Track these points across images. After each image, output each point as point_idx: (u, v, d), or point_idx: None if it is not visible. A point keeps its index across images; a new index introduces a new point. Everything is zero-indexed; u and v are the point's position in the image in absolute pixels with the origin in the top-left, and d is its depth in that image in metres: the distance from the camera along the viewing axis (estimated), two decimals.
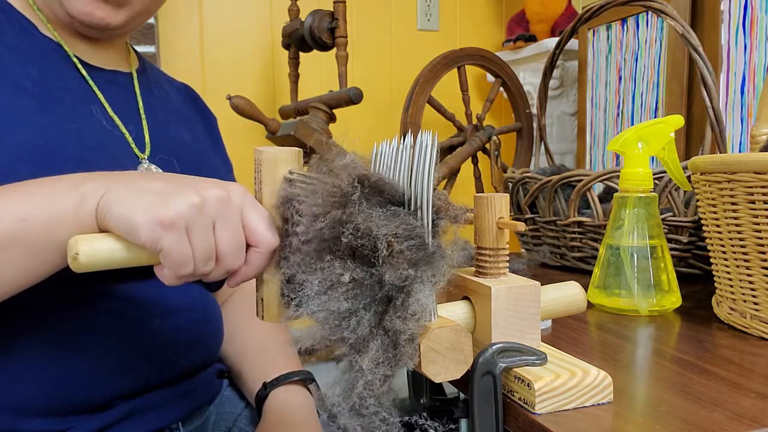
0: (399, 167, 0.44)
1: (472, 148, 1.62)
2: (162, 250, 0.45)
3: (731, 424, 0.41)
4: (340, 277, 0.40)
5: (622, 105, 1.51)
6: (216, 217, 0.47)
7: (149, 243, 0.45)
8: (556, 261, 0.97)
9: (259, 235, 0.48)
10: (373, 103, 1.88)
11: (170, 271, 0.46)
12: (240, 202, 0.48)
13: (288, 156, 0.51)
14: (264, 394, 0.74)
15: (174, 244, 0.45)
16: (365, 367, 0.39)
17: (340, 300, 0.40)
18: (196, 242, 0.46)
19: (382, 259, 0.39)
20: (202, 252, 0.46)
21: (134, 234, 0.45)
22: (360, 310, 0.40)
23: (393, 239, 0.39)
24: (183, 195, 0.46)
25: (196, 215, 0.46)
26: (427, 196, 0.41)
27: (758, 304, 0.59)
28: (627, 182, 0.69)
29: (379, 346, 0.40)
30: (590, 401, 0.44)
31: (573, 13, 1.72)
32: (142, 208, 0.45)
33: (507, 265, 0.48)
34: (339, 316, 0.40)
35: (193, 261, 0.46)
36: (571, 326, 0.65)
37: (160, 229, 0.44)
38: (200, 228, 0.46)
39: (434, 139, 0.41)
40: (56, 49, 0.69)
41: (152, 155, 0.72)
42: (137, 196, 0.46)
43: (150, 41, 1.54)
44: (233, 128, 1.71)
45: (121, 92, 0.73)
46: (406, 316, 0.39)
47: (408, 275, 0.39)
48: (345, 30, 1.47)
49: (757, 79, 1.17)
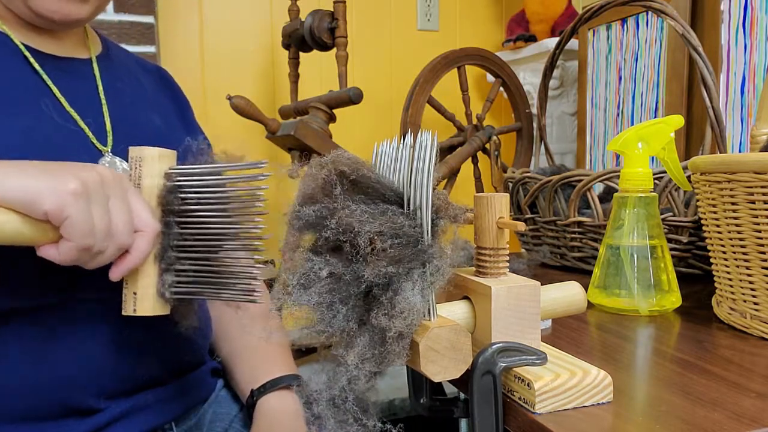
0: (399, 167, 0.44)
1: (472, 148, 1.62)
2: (68, 217, 0.45)
3: (731, 424, 0.41)
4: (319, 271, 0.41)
5: (622, 105, 1.51)
6: (111, 194, 0.49)
7: (54, 210, 0.45)
8: (556, 261, 0.97)
9: (144, 219, 0.51)
10: (373, 103, 1.88)
11: (73, 241, 0.47)
12: (126, 186, 0.51)
13: (168, 154, 0.57)
14: (252, 402, 0.73)
15: (78, 211, 0.46)
16: (350, 362, 0.40)
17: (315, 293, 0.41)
18: (97, 214, 0.47)
19: (362, 256, 0.40)
20: (102, 224, 0.48)
21: (37, 202, 0.45)
22: (336, 304, 0.40)
23: (376, 237, 0.39)
24: (83, 170, 0.48)
25: (98, 188, 0.48)
26: (427, 196, 0.41)
27: (758, 304, 0.59)
28: (627, 182, 0.69)
29: (366, 342, 0.40)
30: (590, 401, 0.44)
31: (573, 13, 1.72)
32: (44, 179, 0.46)
33: (507, 265, 0.48)
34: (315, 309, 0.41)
35: (95, 233, 0.47)
36: (571, 326, 0.65)
37: (68, 197, 0.45)
38: (101, 200, 0.48)
39: (434, 139, 0.41)
40: (0, 41, 0.64)
41: (115, 146, 0.68)
42: (34, 171, 0.47)
43: (150, 41, 1.54)
44: (233, 128, 1.71)
45: (78, 81, 0.69)
46: (392, 314, 0.39)
47: (388, 273, 0.39)
48: (345, 30, 1.47)
49: (757, 79, 1.17)
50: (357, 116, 1.86)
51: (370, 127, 1.91)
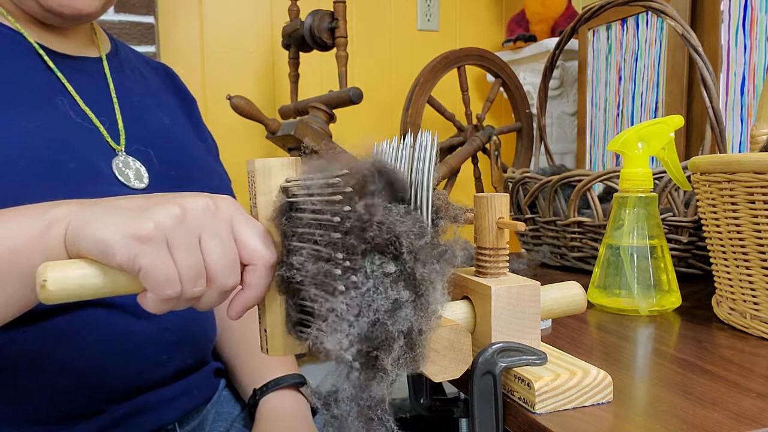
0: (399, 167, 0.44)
1: (472, 148, 1.62)
2: (141, 269, 0.39)
3: (731, 424, 0.41)
4: (386, 267, 0.38)
5: (622, 105, 1.51)
6: (202, 229, 0.41)
7: (126, 262, 0.39)
8: (556, 261, 0.97)
9: (252, 250, 0.42)
10: (373, 103, 1.88)
11: (153, 293, 0.41)
12: (229, 214, 0.43)
13: (283, 164, 0.46)
14: (254, 401, 0.73)
15: (153, 260, 0.39)
16: (389, 368, 0.38)
17: (385, 293, 0.38)
18: (180, 258, 0.40)
19: (409, 255, 0.38)
20: (188, 269, 0.41)
21: (109, 254, 0.39)
22: (406, 303, 0.38)
23: (413, 237, 0.39)
24: (162, 207, 0.41)
25: (177, 227, 0.40)
26: (427, 196, 0.41)
27: (758, 304, 0.59)
28: (627, 182, 0.69)
29: (401, 346, 0.39)
30: (590, 401, 0.44)
31: (573, 13, 1.72)
32: (115, 224, 0.40)
33: (507, 265, 0.48)
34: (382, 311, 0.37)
35: (179, 280, 0.40)
36: (571, 326, 0.65)
37: (137, 244, 0.39)
38: (184, 241, 0.40)
39: (434, 138, 0.41)
40: (15, 40, 0.65)
41: (127, 146, 0.68)
42: (110, 214, 0.41)
43: (150, 41, 1.54)
44: (233, 128, 1.71)
45: (91, 80, 0.69)
46: (427, 314, 0.39)
47: (434, 269, 0.39)
48: (345, 30, 1.47)
49: (757, 79, 1.17)
50: (357, 116, 1.86)
51: (370, 127, 1.91)
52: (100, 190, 0.62)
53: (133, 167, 0.66)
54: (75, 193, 0.58)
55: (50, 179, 0.58)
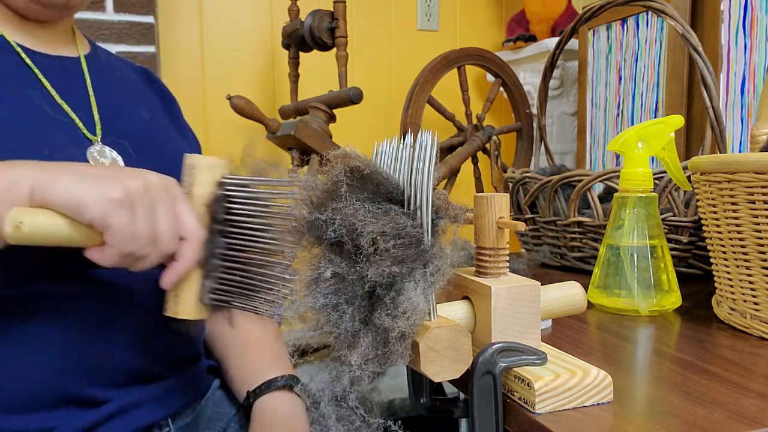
0: (399, 167, 0.44)
1: (472, 148, 1.62)
2: (111, 226, 0.47)
3: (731, 424, 0.41)
4: (324, 272, 0.41)
5: (622, 105, 1.51)
6: (156, 201, 0.50)
7: (98, 219, 0.47)
8: (556, 261, 0.97)
9: (190, 227, 0.52)
10: (373, 103, 1.88)
11: (115, 248, 0.48)
12: (175, 193, 0.52)
13: (222, 163, 0.57)
14: (248, 403, 0.72)
15: (123, 220, 0.47)
16: (353, 362, 0.40)
17: (321, 295, 0.41)
18: (140, 221, 0.48)
19: (365, 256, 0.40)
20: (145, 231, 0.49)
21: (81, 210, 0.46)
22: (342, 305, 0.40)
23: (379, 237, 0.39)
24: (129, 177, 0.49)
25: (142, 196, 0.49)
26: (427, 196, 0.41)
27: (758, 304, 0.59)
28: (627, 182, 0.69)
29: (369, 342, 0.40)
30: (590, 401, 0.44)
31: (573, 13, 1.72)
32: (90, 186, 0.47)
33: (507, 265, 0.48)
34: (321, 311, 0.40)
35: (137, 240, 0.48)
36: (571, 326, 0.65)
37: (111, 205, 0.47)
38: (145, 208, 0.49)
39: (434, 138, 0.41)
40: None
41: (104, 137, 0.69)
42: (81, 177, 0.48)
43: (150, 41, 1.54)
44: (233, 128, 1.71)
45: (68, 77, 0.71)
46: (396, 314, 0.39)
47: (392, 272, 0.39)
48: (345, 30, 1.47)
49: (757, 79, 1.17)
50: (357, 116, 1.86)
51: (370, 127, 1.91)
52: None
53: (109, 156, 0.67)
54: None
55: None
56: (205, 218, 0.55)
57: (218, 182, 0.56)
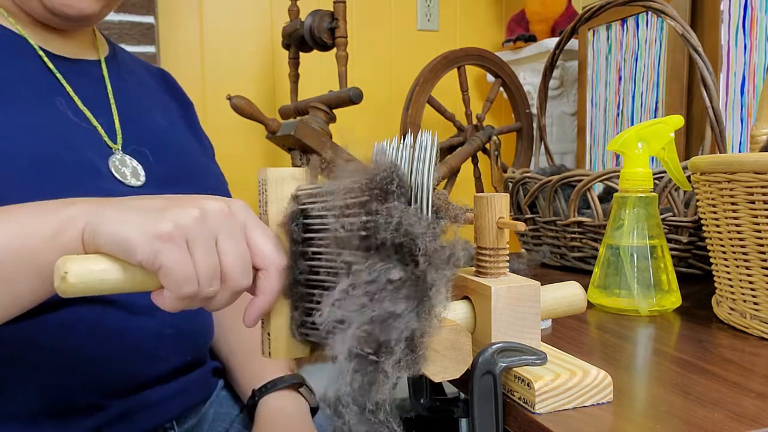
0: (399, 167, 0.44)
1: (472, 148, 1.62)
2: (161, 266, 0.41)
3: (731, 424, 0.41)
4: (390, 273, 0.38)
5: (622, 105, 1.51)
6: (219, 231, 0.43)
7: (147, 259, 0.41)
8: (556, 261, 0.97)
9: (267, 255, 0.44)
10: (373, 103, 1.88)
11: (171, 291, 0.42)
12: (243, 217, 0.44)
13: (296, 174, 0.48)
14: (253, 402, 0.73)
15: (174, 259, 0.41)
16: (389, 371, 0.38)
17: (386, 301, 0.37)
18: (198, 257, 0.42)
19: (424, 258, 0.38)
20: (205, 268, 0.42)
21: (129, 251, 0.41)
22: (406, 312, 0.38)
23: (429, 239, 0.39)
24: (182, 208, 0.42)
25: (197, 227, 0.42)
26: (427, 196, 0.41)
27: (758, 304, 0.59)
28: (627, 182, 0.69)
29: (402, 349, 0.39)
30: (590, 401, 0.44)
31: (573, 13, 1.72)
32: (137, 223, 0.41)
33: (507, 265, 0.48)
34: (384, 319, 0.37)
35: (196, 279, 0.42)
36: (571, 326, 0.65)
37: (159, 243, 0.40)
38: (203, 242, 0.42)
39: (434, 138, 0.41)
40: (17, 42, 0.66)
41: (124, 145, 0.69)
42: (130, 213, 0.42)
43: (150, 41, 1.54)
44: (233, 128, 1.71)
45: (89, 82, 0.71)
46: (430, 317, 0.39)
47: (446, 274, 0.39)
48: (345, 30, 1.47)
49: (757, 79, 1.17)
50: (357, 116, 1.86)
51: (370, 127, 1.91)
52: (97, 187, 0.63)
53: (129, 165, 0.68)
54: (72, 189, 0.59)
55: (49, 175, 0.60)
56: (285, 241, 0.46)
57: (293, 195, 0.47)
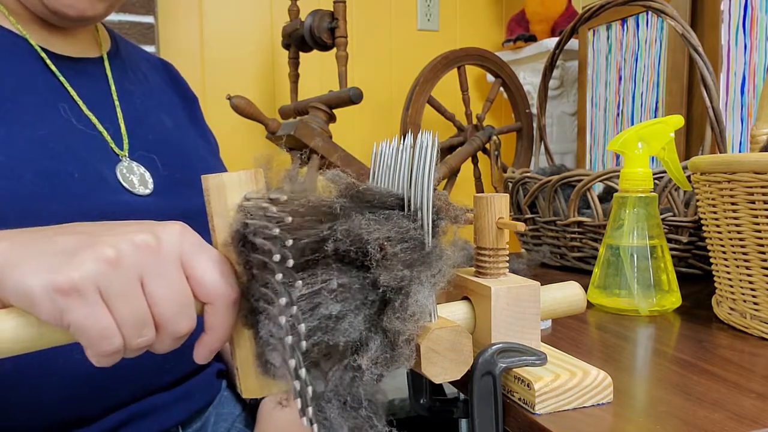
0: (399, 167, 0.44)
1: (472, 148, 1.62)
2: (69, 325, 0.34)
3: (731, 425, 0.41)
4: (328, 283, 0.37)
5: (622, 105, 1.51)
6: (142, 271, 0.36)
7: (53, 319, 0.34)
8: (556, 261, 0.97)
9: (208, 287, 0.37)
10: (373, 103, 1.88)
11: (91, 350, 0.36)
12: (176, 247, 0.37)
13: (240, 179, 0.39)
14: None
15: (82, 315, 0.34)
16: (364, 366, 0.39)
17: (328, 305, 0.38)
18: (117, 307, 0.35)
19: (375, 262, 0.39)
20: (128, 319, 0.36)
21: (35, 308, 0.35)
22: (349, 314, 0.39)
23: (385, 242, 0.39)
24: (92, 249, 0.35)
25: (109, 273, 0.35)
26: (428, 197, 0.41)
27: (758, 304, 0.59)
28: (627, 182, 0.69)
29: (378, 345, 0.39)
30: (590, 401, 0.44)
31: (573, 13, 1.72)
32: (41, 271, 0.35)
33: (507, 265, 0.48)
34: (329, 321, 0.38)
35: (118, 332, 0.36)
36: (571, 326, 0.65)
37: (61, 298, 0.34)
38: (119, 288, 0.35)
39: (434, 139, 0.41)
40: (17, 43, 0.65)
41: (131, 152, 0.67)
42: (38, 258, 0.35)
43: (150, 41, 1.54)
44: (233, 128, 1.71)
45: (92, 83, 0.69)
46: (405, 317, 0.39)
47: (404, 276, 0.39)
48: (345, 30, 1.47)
49: (757, 79, 1.17)
50: (357, 116, 1.86)
51: (370, 127, 1.91)
52: (105, 199, 0.61)
53: (137, 173, 0.66)
54: (81, 203, 0.58)
55: (55, 190, 0.58)
56: (236, 263, 0.39)
57: (239, 206, 0.39)
